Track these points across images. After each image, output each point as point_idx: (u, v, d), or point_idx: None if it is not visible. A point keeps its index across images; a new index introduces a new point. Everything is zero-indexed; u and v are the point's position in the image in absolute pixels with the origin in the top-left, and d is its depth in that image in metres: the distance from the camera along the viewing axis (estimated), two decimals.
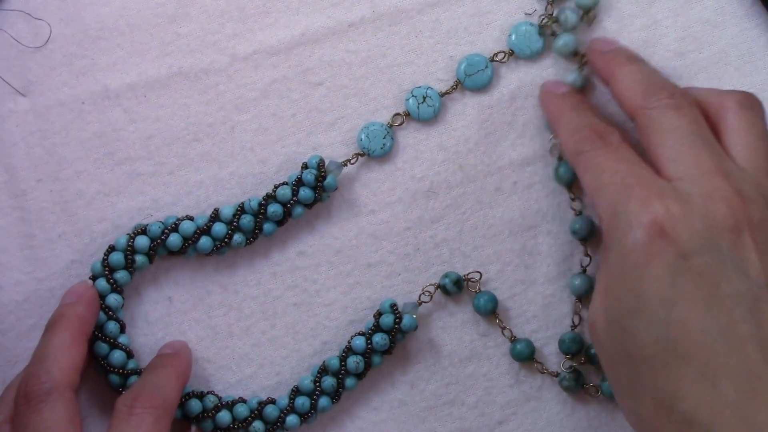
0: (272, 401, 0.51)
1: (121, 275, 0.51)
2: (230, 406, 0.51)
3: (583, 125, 0.49)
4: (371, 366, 0.51)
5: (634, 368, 0.42)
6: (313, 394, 0.51)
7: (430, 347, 0.53)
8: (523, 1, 0.54)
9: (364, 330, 0.51)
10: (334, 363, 0.51)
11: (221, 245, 0.51)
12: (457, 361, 0.52)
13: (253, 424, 0.51)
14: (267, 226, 0.52)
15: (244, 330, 0.53)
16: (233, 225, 0.51)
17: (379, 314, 0.51)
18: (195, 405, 0.50)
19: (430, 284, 0.52)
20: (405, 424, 0.52)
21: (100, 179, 0.53)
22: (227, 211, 0.51)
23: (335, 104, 0.54)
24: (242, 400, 0.51)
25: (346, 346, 0.51)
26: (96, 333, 0.50)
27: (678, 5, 0.54)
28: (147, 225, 0.51)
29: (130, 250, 0.51)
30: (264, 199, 0.52)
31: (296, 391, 0.51)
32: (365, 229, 0.53)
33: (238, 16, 0.54)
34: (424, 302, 0.52)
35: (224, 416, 0.50)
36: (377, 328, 0.51)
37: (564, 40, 0.53)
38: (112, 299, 0.50)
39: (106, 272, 0.51)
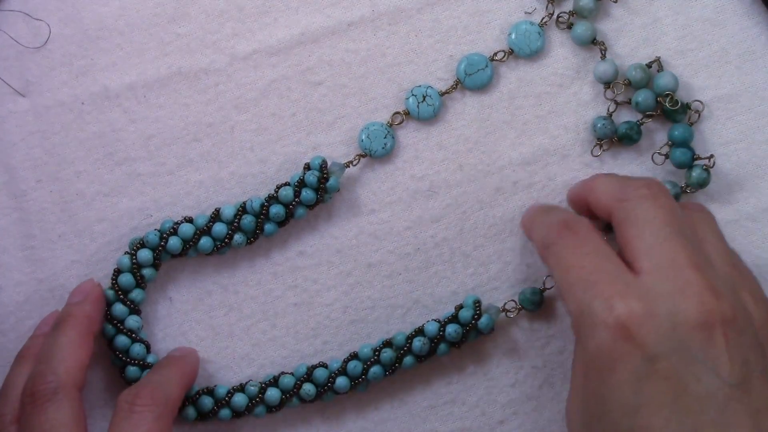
0: (324, 365, 0.51)
1: (136, 294, 0.51)
2: (275, 381, 0.51)
3: (552, 220, 0.47)
4: (435, 353, 0.51)
5: None
6: (368, 361, 0.51)
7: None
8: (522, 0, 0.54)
9: (441, 319, 0.51)
10: (400, 338, 0.51)
11: (222, 245, 0.51)
12: (458, 360, 0.52)
13: (304, 387, 0.51)
14: (268, 227, 0.52)
15: (245, 330, 0.53)
16: (234, 225, 0.51)
17: (460, 306, 0.51)
18: (240, 399, 0.51)
19: (512, 300, 0.53)
20: (406, 423, 0.52)
21: (100, 179, 0.53)
22: (228, 212, 0.51)
23: (335, 104, 0.54)
24: (287, 373, 0.51)
25: (417, 328, 0.51)
26: (123, 358, 0.50)
27: (678, 4, 0.54)
28: (143, 237, 0.51)
29: (136, 268, 0.51)
30: (266, 199, 0.52)
31: (353, 356, 0.51)
32: (365, 229, 0.53)
33: (238, 16, 0.54)
34: (508, 312, 0.52)
35: (273, 394, 0.51)
36: (454, 319, 0.51)
37: (582, 28, 0.53)
38: (132, 321, 0.51)
39: (120, 296, 0.51)
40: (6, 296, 0.52)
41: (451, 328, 0.51)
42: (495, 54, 0.54)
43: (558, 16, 0.54)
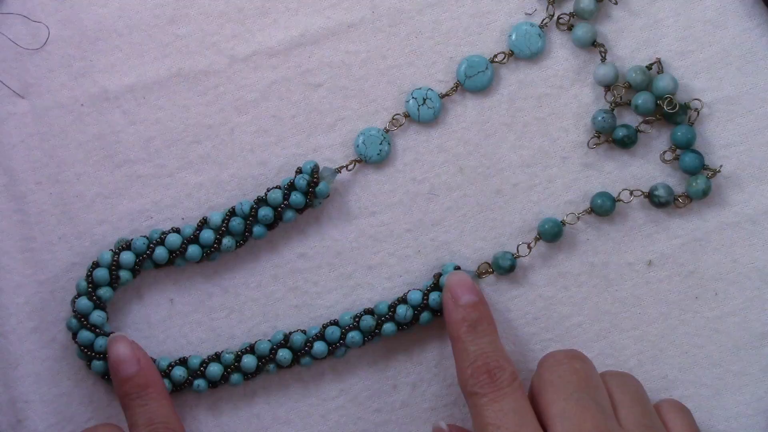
0: (302, 330, 0.52)
1: (104, 291, 0.51)
2: (251, 349, 0.52)
3: (477, 356, 0.48)
4: (418, 321, 0.51)
5: None
6: (347, 326, 0.51)
7: (432, 348, 0.53)
8: (523, 1, 0.54)
9: (423, 288, 0.52)
10: (383, 306, 0.51)
11: (211, 251, 0.51)
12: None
13: (279, 353, 0.51)
14: (257, 229, 0.52)
15: (246, 332, 0.53)
16: (222, 229, 0.51)
17: (439, 275, 0.52)
18: (215, 368, 0.51)
19: (486, 262, 0.53)
20: (407, 425, 0.53)
21: (99, 181, 0.53)
22: (216, 218, 0.51)
23: (335, 106, 0.54)
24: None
25: (400, 297, 0.52)
26: (88, 352, 0.51)
27: (679, 5, 0.54)
28: (131, 240, 0.51)
29: (114, 266, 0.51)
30: (255, 202, 0.52)
31: (332, 323, 0.52)
32: (366, 231, 0.53)
33: (237, 17, 0.53)
34: (482, 275, 0.53)
35: (249, 361, 0.51)
36: (436, 287, 0.51)
37: (583, 30, 0.53)
38: (96, 316, 0.51)
39: (90, 289, 0.51)
40: (6, 298, 0.52)
41: (434, 296, 0.51)
42: (495, 56, 0.54)
43: (558, 18, 0.54)
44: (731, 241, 0.53)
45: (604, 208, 0.52)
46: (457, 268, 0.52)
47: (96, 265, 0.51)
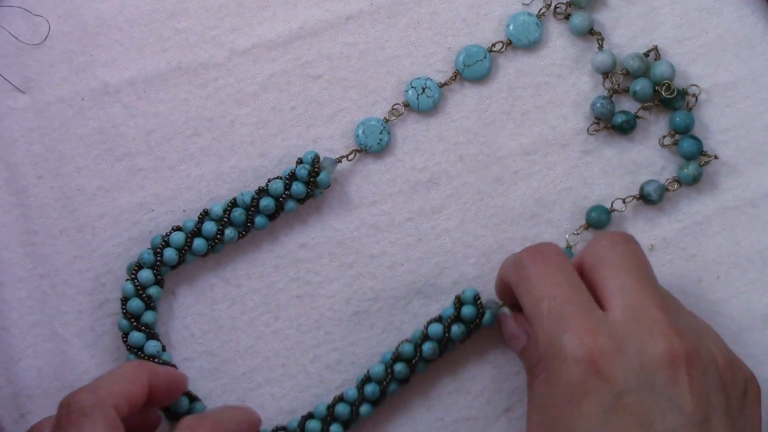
0: (341, 398, 0.51)
1: (148, 316, 0.51)
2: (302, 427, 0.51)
3: (521, 252, 0.47)
4: (443, 353, 0.51)
5: None
6: (384, 381, 0.50)
7: None
8: None
9: (443, 317, 0.51)
10: (409, 349, 0.50)
11: (214, 243, 0.51)
12: (461, 350, 0.52)
13: (332, 428, 0.50)
14: (258, 220, 0.52)
15: (248, 323, 0.53)
16: (224, 220, 0.51)
17: (459, 301, 0.51)
18: None
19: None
20: (411, 413, 0.52)
21: (100, 175, 0.53)
22: (217, 209, 0.51)
23: (334, 97, 0.54)
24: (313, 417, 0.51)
25: (423, 333, 0.50)
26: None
27: None
28: (138, 259, 0.51)
29: (140, 290, 0.51)
30: (256, 192, 0.52)
31: (367, 379, 0.51)
32: (367, 221, 0.53)
33: (236, 11, 0.54)
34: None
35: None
36: (457, 318, 0.50)
37: (580, 18, 0.53)
38: (149, 316, 0.51)
39: (133, 323, 0.50)
40: (8, 292, 0.52)
41: (456, 329, 0.50)
42: (493, 45, 0.54)
43: (555, 7, 0.55)
44: (732, 224, 0.53)
45: (600, 221, 0.53)
46: (477, 297, 0.50)
47: (125, 299, 0.51)
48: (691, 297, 0.53)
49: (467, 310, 0.50)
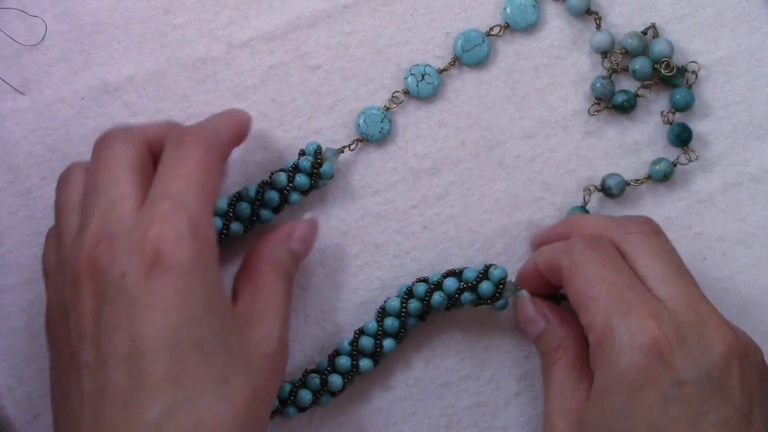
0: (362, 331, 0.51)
1: None
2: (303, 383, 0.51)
3: (574, 239, 0.47)
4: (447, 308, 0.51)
5: None
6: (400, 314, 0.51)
7: (443, 322, 0.53)
8: None
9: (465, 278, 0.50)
10: (420, 288, 0.50)
11: (221, 238, 0.51)
12: (470, 336, 0.53)
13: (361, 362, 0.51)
14: (264, 213, 0.52)
15: None
16: (229, 215, 0.51)
17: (486, 272, 0.50)
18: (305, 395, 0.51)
19: None
20: (422, 401, 0.52)
21: None
22: (222, 204, 0.51)
23: (334, 87, 0.54)
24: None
25: (439, 279, 0.50)
26: None
27: None
28: None
29: None
30: (260, 186, 0.52)
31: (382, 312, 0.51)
32: (371, 210, 0.53)
33: (233, 4, 0.54)
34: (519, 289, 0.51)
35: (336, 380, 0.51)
36: (474, 286, 0.50)
37: None
38: None
39: None
40: (16, 294, 0.52)
41: (467, 296, 0.50)
42: (491, 29, 0.54)
43: None
44: (736, 200, 0.53)
45: (611, 189, 0.53)
46: (502, 282, 0.50)
47: None
48: (697, 275, 0.52)
49: (486, 287, 0.50)
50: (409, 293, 0.51)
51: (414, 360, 0.53)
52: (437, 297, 0.50)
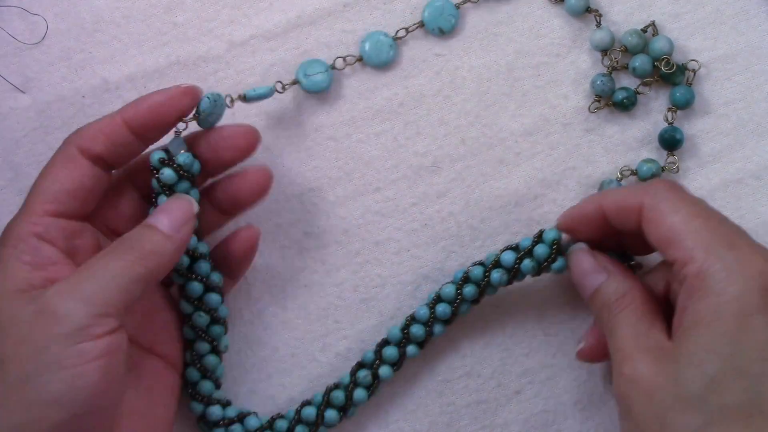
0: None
1: None
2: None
3: (652, 182, 0.48)
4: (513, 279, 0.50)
5: (702, 416, 0.42)
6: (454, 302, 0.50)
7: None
8: None
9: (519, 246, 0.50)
10: (478, 273, 0.50)
11: None
12: (471, 333, 0.53)
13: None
14: None
15: (256, 314, 0.53)
16: None
17: (539, 239, 0.50)
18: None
19: None
20: (422, 399, 0.52)
21: None
22: None
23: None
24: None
25: (495, 258, 0.50)
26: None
27: None
28: None
29: None
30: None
31: (437, 299, 0.51)
32: (371, 208, 0.53)
33: (233, 2, 0.54)
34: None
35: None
36: (529, 252, 0.50)
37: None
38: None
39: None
40: None
41: (526, 264, 0.49)
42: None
43: None
44: (736, 197, 0.53)
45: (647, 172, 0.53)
46: (557, 242, 0.49)
47: None
48: None
49: (542, 250, 0.49)
50: (465, 279, 0.50)
51: (415, 358, 0.52)
52: (496, 274, 0.50)
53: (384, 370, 0.50)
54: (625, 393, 0.44)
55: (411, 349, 0.51)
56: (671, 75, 0.53)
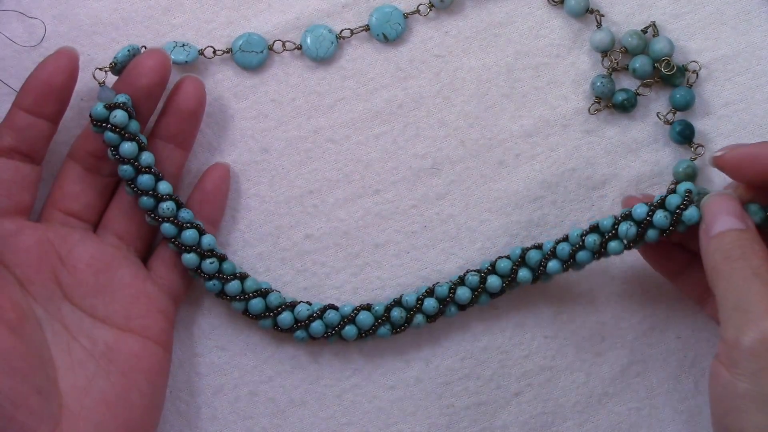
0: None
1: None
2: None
3: None
4: (639, 241, 0.48)
5: None
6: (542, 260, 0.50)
7: (443, 321, 0.53)
8: None
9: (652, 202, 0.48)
10: (607, 223, 0.49)
11: None
12: (470, 335, 0.53)
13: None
14: None
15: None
16: None
17: (672, 191, 0.48)
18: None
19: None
20: (422, 401, 0.53)
21: None
22: None
23: (334, 86, 0.54)
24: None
25: (624, 213, 0.49)
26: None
27: None
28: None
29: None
30: None
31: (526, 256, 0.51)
32: (371, 210, 0.53)
33: (232, 4, 0.54)
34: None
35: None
36: (660, 205, 0.48)
37: (574, 1, 0.53)
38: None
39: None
40: None
41: (659, 217, 0.48)
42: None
43: None
44: None
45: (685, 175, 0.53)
46: (689, 192, 0.47)
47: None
48: None
49: (674, 200, 0.48)
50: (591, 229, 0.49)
51: (414, 360, 0.53)
52: (629, 229, 0.48)
53: (418, 318, 0.51)
54: (759, 353, 0.42)
55: (452, 309, 0.51)
56: (671, 76, 0.53)
